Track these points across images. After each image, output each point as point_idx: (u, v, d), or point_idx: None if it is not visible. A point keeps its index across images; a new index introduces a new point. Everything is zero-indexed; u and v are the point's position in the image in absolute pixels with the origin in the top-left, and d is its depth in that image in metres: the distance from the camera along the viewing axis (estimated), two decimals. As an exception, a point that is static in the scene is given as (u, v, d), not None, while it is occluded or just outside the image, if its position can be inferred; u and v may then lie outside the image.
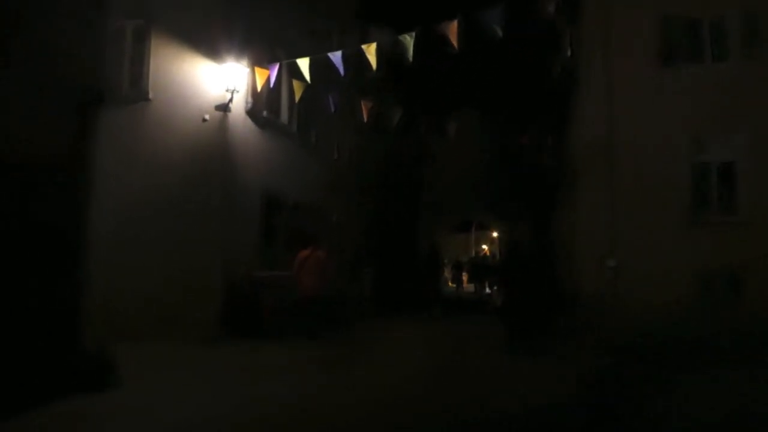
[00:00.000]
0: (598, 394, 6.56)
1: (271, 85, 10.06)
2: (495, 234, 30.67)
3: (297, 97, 10.50)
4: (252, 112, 10.46)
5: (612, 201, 11.26)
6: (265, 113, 10.86)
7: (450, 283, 27.59)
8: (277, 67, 9.86)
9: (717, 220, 10.60)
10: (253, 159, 10.58)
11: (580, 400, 6.11)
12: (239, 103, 10.12)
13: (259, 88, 10.02)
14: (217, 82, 9.77)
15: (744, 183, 10.56)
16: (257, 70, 9.89)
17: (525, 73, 16.91)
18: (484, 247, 34.17)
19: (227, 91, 9.69)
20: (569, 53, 15.40)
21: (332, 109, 11.14)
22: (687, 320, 9.49)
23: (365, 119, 11.19)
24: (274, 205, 11.27)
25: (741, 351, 8.14)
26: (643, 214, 10.73)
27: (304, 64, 9.39)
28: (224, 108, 9.74)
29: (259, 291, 9.94)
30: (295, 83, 10.30)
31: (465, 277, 27.14)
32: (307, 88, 10.17)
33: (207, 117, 9.66)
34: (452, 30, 7.95)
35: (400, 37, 8.26)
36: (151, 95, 9.72)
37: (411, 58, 8.22)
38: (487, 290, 24.52)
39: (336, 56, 9.11)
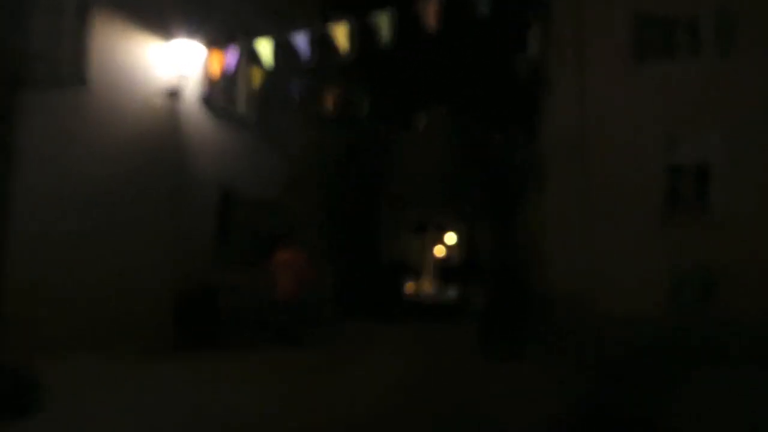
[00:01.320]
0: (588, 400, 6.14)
1: (228, 70, 9.19)
2: (456, 235, 30.32)
3: (256, 85, 9.65)
4: (207, 100, 9.56)
5: (584, 201, 10.93)
6: (221, 101, 9.97)
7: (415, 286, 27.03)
8: (234, 50, 8.99)
9: (690, 220, 10.35)
10: (208, 151, 9.69)
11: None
12: (193, 89, 9.21)
13: (214, 74, 9.14)
14: (168, 65, 8.82)
15: (717, 183, 10.31)
16: (213, 53, 9.01)
17: (495, 67, 16.43)
18: (445, 248, 33.73)
19: (179, 75, 8.77)
20: (538, 49, 15.07)
21: (295, 99, 10.32)
22: (660, 325, 9.32)
23: (330, 110, 10.42)
24: (231, 202, 10.39)
25: (713, 356, 7.92)
26: (616, 215, 10.45)
27: (264, 46, 8.56)
28: (175, 94, 8.81)
29: (214, 295, 9.05)
30: (254, 69, 9.46)
31: (428, 280, 26.63)
32: (268, 74, 9.34)
33: (156, 103, 8.71)
34: (431, 9, 7.25)
35: (374, 17, 7.50)
36: (92, 77, 8.67)
37: (386, 40, 7.48)
38: (452, 293, 24.08)
39: (300, 38, 8.30)
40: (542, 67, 14.57)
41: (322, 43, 8.57)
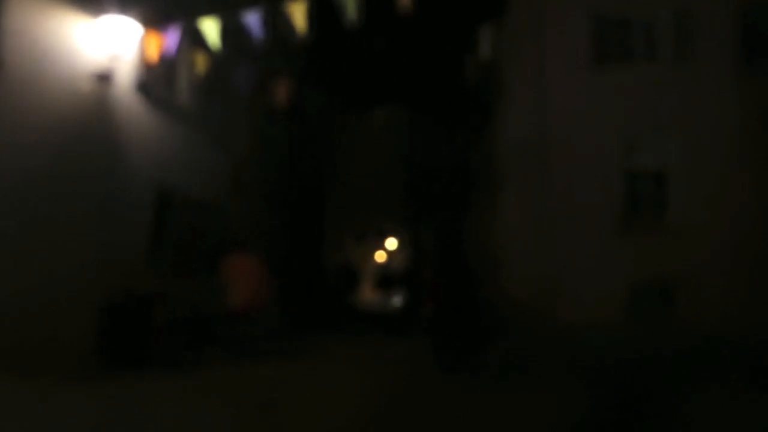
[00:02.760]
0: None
1: (168, 53, 8.17)
2: (397, 240, 29.79)
3: (199, 72, 8.67)
4: (142, 87, 8.48)
5: (542, 206, 10.68)
6: (158, 90, 8.91)
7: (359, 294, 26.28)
8: (175, 31, 8.00)
9: (649, 227, 10.14)
10: (143, 145, 8.61)
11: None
12: (127, 74, 8.14)
13: (151, 58, 8.11)
14: (97, 45, 7.70)
15: (675, 189, 10.14)
16: (150, 34, 7.98)
17: (446, 67, 15.93)
18: (385, 254, 33.10)
19: (111, 56, 7.68)
20: (489, 51, 14.71)
21: (243, 89, 9.38)
22: (620, 336, 9.13)
23: (282, 103, 9.53)
24: (168, 202, 9.33)
25: (674, 366, 7.75)
26: (575, 221, 10.21)
27: (211, 27, 7.61)
28: (106, 78, 7.72)
29: (148, 307, 7.99)
30: (198, 54, 8.49)
31: (369, 288, 25.93)
32: (213, 60, 8.39)
33: (84, 88, 7.59)
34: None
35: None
36: (7, 59, 7.46)
37: (352, 19, 6.68)
38: (396, 300, 23.53)
39: (252, 17, 7.39)
40: (494, 69, 14.23)
41: (277, 24, 7.70)
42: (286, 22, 7.29)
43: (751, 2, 10.21)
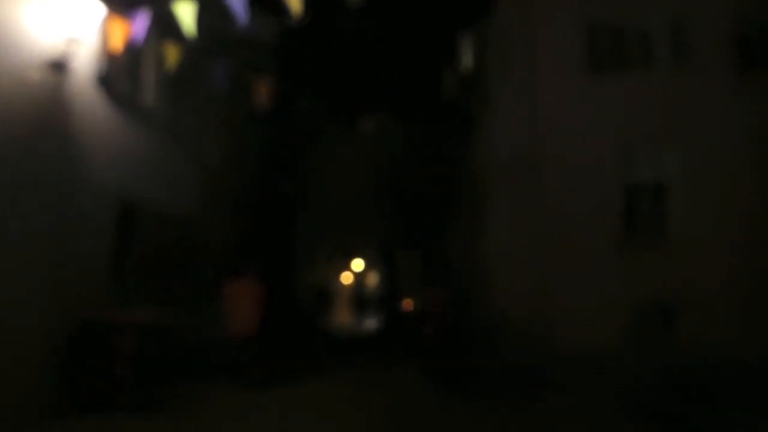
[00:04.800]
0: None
1: (135, 42, 7.06)
2: (364, 261, 28.82)
3: (170, 65, 7.56)
4: (105, 81, 7.29)
5: (535, 223, 10.08)
6: (122, 85, 7.74)
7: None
8: (144, 15, 6.90)
9: (648, 243, 9.61)
10: (103, 149, 7.40)
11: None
12: (86, 64, 6.95)
13: (115, 47, 6.96)
14: (52, 27, 6.50)
15: (675, 203, 9.70)
16: (115, 18, 6.85)
17: (428, 78, 15.18)
18: (352, 275, 32.02)
19: (68, 39, 6.49)
20: (471, 61, 14.13)
21: (217, 88, 8.26)
22: (621, 359, 8.81)
23: (261, 106, 8.46)
24: (133, 217, 8.13)
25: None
26: (570, 239, 9.62)
27: (185, 10, 6.52)
28: (62, 66, 6.52)
29: (112, 337, 6.75)
30: (169, 44, 7.39)
31: (343, 309, 24.80)
32: (186, 51, 7.30)
33: (33, 77, 6.37)
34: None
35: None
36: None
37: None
38: (370, 323, 22.55)
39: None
40: (479, 78, 13.63)
41: (264, 4, 6.67)
42: (277, 3, 6.28)
43: (747, 9, 9.88)
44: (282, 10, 6.34)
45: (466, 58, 14.60)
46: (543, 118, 10.13)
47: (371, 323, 22.14)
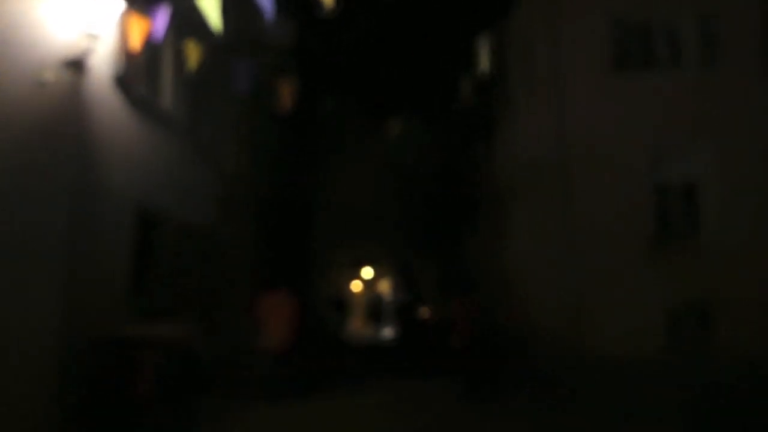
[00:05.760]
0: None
1: (155, 39, 6.64)
2: (374, 270, 28.34)
3: (191, 65, 7.14)
4: (122, 82, 6.87)
5: (561, 227, 9.80)
6: (140, 87, 7.30)
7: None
8: (164, 12, 6.48)
9: (681, 246, 9.34)
10: (121, 153, 6.97)
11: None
12: (103, 64, 6.53)
13: (133, 45, 6.54)
14: (69, 23, 6.08)
15: (708, 204, 9.40)
16: (133, 15, 6.43)
17: (445, 82, 14.73)
18: (361, 284, 31.47)
19: (87, 35, 6.06)
20: (489, 63, 13.76)
21: (241, 91, 7.80)
22: (657, 365, 8.54)
23: (284, 107, 8.02)
24: (152, 225, 7.69)
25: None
26: (599, 242, 9.37)
27: (211, 3, 6.09)
28: (79, 65, 6.09)
29: (132, 355, 6.29)
30: (190, 43, 6.98)
31: (360, 318, 24.36)
32: (208, 51, 6.87)
33: (49, 78, 5.95)
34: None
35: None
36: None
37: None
38: (387, 332, 22.10)
39: (266, -7, 5.89)
40: (501, 78, 13.25)
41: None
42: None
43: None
44: (310, 4, 5.92)
45: (484, 60, 14.24)
46: (569, 118, 9.86)
47: (389, 332, 21.71)
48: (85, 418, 5.85)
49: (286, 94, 7.99)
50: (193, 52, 7.07)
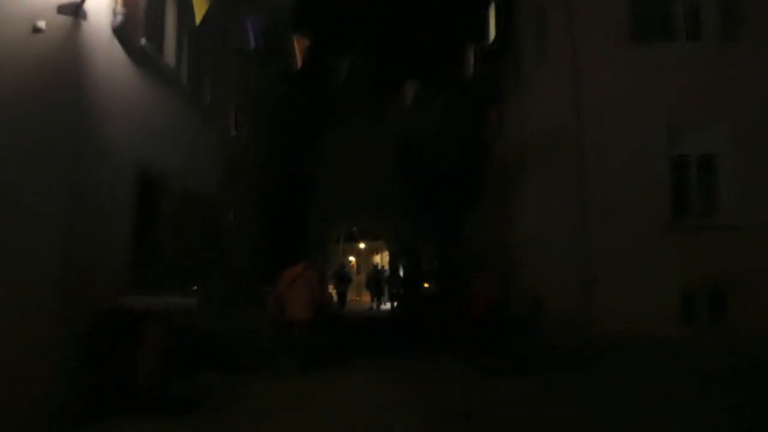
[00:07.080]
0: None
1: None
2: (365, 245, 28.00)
3: (197, 19, 6.59)
4: (121, 32, 6.29)
5: (575, 203, 9.51)
6: (143, 41, 6.75)
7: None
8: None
9: (698, 223, 9.14)
10: (122, 114, 6.43)
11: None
12: (101, 10, 5.96)
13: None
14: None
15: (726, 180, 9.15)
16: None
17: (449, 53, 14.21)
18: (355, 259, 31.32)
19: (82, -21, 5.49)
20: (497, 37, 13.32)
21: (251, 44, 7.23)
22: (671, 346, 8.19)
23: (296, 65, 7.49)
24: (154, 192, 7.20)
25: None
26: (614, 219, 9.09)
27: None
28: (75, 11, 5.53)
29: (136, 328, 5.84)
30: (197, -6, 6.42)
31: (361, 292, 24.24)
32: (215, 3, 6.32)
33: (41, 25, 5.39)
34: None
35: None
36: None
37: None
38: (386, 305, 21.96)
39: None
40: (511, 49, 12.80)
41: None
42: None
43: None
44: None
45: (492, 30, 13.76)
46: (584, 90, 9.50)
47: (390, 306, 21.58)
48: (87, 395, 5.43)
49: (298, 51, 7.47)
50: (199, 4, 6.52)
